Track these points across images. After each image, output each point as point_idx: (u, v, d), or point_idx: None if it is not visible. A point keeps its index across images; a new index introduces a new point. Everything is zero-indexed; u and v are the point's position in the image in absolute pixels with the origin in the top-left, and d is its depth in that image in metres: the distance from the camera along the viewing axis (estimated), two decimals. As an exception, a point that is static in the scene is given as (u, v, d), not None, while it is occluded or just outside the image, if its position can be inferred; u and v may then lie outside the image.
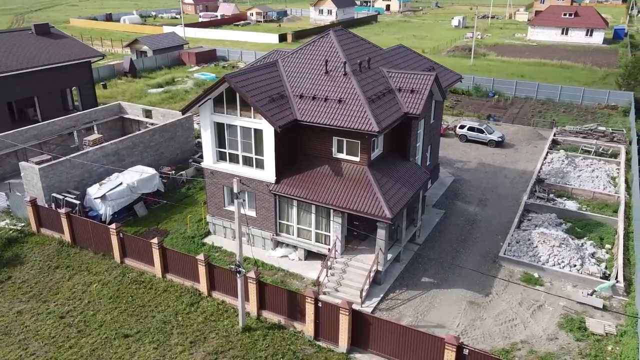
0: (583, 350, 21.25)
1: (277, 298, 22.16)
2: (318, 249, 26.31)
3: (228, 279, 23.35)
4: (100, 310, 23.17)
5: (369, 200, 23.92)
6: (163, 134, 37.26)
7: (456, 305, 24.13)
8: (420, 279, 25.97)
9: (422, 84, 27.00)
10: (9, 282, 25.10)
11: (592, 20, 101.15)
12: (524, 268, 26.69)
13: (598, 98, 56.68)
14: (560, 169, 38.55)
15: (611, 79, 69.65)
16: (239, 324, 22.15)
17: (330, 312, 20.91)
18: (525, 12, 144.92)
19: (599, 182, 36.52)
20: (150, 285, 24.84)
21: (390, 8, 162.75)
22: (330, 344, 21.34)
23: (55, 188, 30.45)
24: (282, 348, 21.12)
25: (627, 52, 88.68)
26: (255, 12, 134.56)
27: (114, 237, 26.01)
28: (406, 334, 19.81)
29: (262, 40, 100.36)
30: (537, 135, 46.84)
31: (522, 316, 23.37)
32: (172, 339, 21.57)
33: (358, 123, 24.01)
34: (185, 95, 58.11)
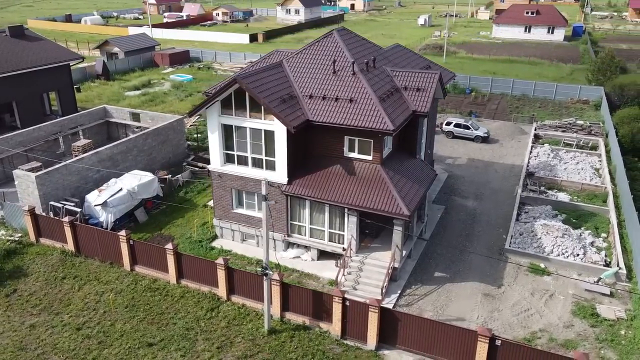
0: (599, 335, 22.14)
1: (302, 299, 22.13)
2: (332, 249, 26.40)
3: (248, 282, 23.17)
4: (118, 320, 22.58)
5: (385, 198, 24.17)
6: (156, 137, 36.51)
7: (472, 298, 24.69)
8: (433, 274, 26.43)
9: (428, 82, 27.46)
10: (15, 296, 24.12)
11: (553, 18, 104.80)
12: (530, 259, 27.53)
13: (570, 93, 58.85)
14: (547, 162, 39.89)
15: (577, 75, 72.41)
16: (265, 327, 22.01)
17: (358, 311, 21.05)
18: (486, 11, 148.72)
19: (585, 173, 38.01)
20: (165, 292, 24.36)
21: (355, 7, 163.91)
22: (357, 342, 21.48)
23: (51, 196, 29.41)
24: (310, 349, 21.12)
25: (588, 48, 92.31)
26: (221, 12, 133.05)
27: (123, 244, 25.36)
28: (437, 328, 20.17)
29: (233, 40, 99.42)
30: (519, 130, 48.28)
31: (536, 306, 24.14)
32: (197, 345, 21.24)
33: (372, 122, 24.23)
34: (165, 98, 57.01)
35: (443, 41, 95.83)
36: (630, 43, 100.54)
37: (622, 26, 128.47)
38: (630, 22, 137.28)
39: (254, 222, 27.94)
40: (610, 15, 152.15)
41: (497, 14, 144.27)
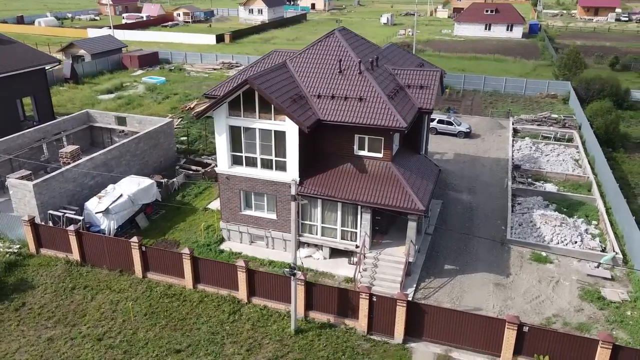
0: (609, 317, 23.34)
1: (326, 297, 22.30)
2: (345, 246, 26.67)
3: (269, 284, 23.15)
4: (139, 328, 22.11)
5: (399, 194, 24.64)
6: (147, 141, 35.76)
7: (484, 288, 25.50)
8: (443, 266, 27.11)
9: (431, 79, 28.13)
10: (25, 309, 23.22)
11: (511, 16, 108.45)
12: (532, 248, 28.63)
13: (539, 88, 61.21)
14: (530, 155, 41.47)
15: (540, 70, 75.41)
16: (291, 327, 22.06)
17: (385, 305, 21.41)
18: (445, 10, 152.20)
19: (567, 165, 39.74)
20: (182, 297, 24.01)
21: (316, 7, 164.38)
22: (384, 337, 21.85)
23: (49, 205, 28.41)
24: (339, 346, 21.35)
25: (546, 45, 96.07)
26: (182, 12, 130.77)
27: (135, 251, 24.80)
28: (464, 318, 20.77)
29: (199, 41, 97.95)
30: (498, 125, 49.89)
31: (546, 292, 25.18)
32: (226, 349, 21.09)
33: (384, 120, 24.64)
34: (142, 100, 55.71)
35: (409, 39, 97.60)
36: (583, 39, 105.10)
37: (573, 23, 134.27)
38: (579, 20, 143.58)
39: (263, 223, 27.87)
40: (561, 13, 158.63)
41: (454, 12, 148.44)
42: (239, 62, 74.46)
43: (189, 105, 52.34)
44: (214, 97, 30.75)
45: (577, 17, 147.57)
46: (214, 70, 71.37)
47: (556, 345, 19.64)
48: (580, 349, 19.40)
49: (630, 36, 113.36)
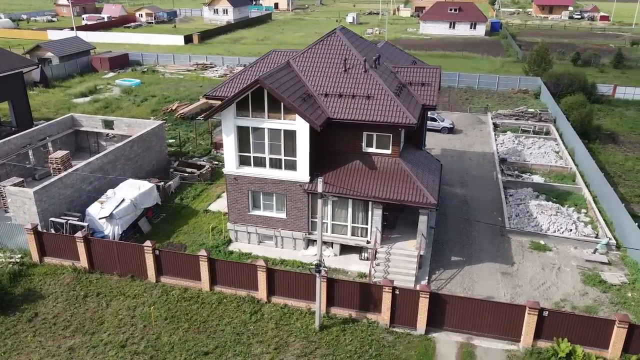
0: (612, 299, 24.61)
1: (348, 293, 22.62)
2: (356, 242, 27.06)
3: (289, 282, 23.28)
4: (162, 333, 21.86)
5: (410, 189, 25.22)
6: (141, 144, 35.14)
7: (492, 277, 26.40)
8: (450, 258, 27.88)
9: (432, 77, 28.87)
10: (39, 320, 22.55)
11: (474, 14, 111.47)
12: (530, 237, 29.79)
13: (510, 84, 63.34)
14: (514, 148, 42.97)
15: (508, 67, 77.95)
16: (315, 324, 22.28)
17: (407, 298, 21.92)
18: (407, 8, 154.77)
19: (549, 157, 41.41)
20: (200, 300, 23.83)
21: (279, 6, 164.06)
22: (407, 329, 22.36)
23: (49, 212, 27.60)
24: (365, 339, 21.72)
25: (510, 42, 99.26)
26: (144, 13, 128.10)
27: (149, 255, 24.44)
28: (485, 306, 21.51)
29: (166, 42, 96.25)
30: (478, 120, 51.39)
31: (550, 279, 26.29)
32: (253, 348, 21.13)
33: (394, 117, 25.16)
34: (120, 103, 54.48)
35: (378, 38, 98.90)
36: (542, 36, 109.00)
37: (530, 21, 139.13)
38: (535, 18, 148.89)
39: (272, 223, 27.93)
40: (517, 12, 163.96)
41: (416, 11, 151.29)
42: (213, 62, 73.72)
43: (170, 107, 51.54)
44: (215, 98, 30.69)
45: (533, 15, 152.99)
46: (188, 72, 70.40)
47: (574, 328, 20.63)
48: (596, 330, 20.44)
49: (585, 33, 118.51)
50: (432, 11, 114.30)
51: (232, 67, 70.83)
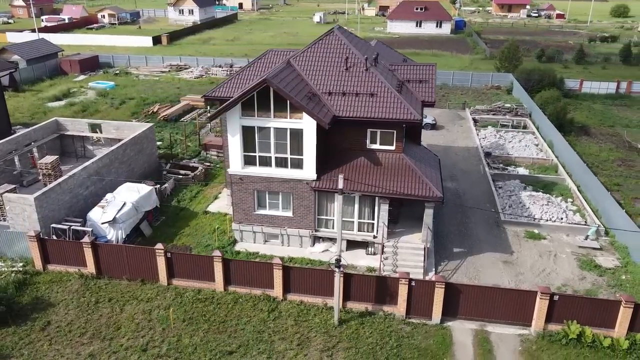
0: (609, 282, 25.96)
1: (365, 287, 23.07)
2: (363, 238, 27.55)
3: (304, 279, 23.55)
4: (182, 335, 21.77)
5: (417, 183, 25.89)
6: (133, 147, 34.61)
7: (495, 266, 27.38)
8: (452, 250, 28.73)
9: (428, 73, 29.66)
10: (53, 328, 22.06)
11: (439, 13, 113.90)
12: (525, 227, 30.98)
13: (484, 80, 65.29)
14: (496, 143, 44.42)
15: (477, 64, 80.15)
16: (334, 319, 22.64)
17: (423, 289, 22.56)
18: (372, 8, 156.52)
19: (530, 150, 43.02)
20: (215, 300, 23.81)
21: (243, 6, 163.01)
22: (422, 319, 23.00)
23: (49, 218, 26.94)
24: (383, 331, 22.23)
25: (475, 40, 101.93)
26: (107, 14, 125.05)
27: (160, 258, 24.23)
28: (497, 294, 22.37)
29: (134, 43, 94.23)
30: (457, 116, 52.79)
31: (549, 265, 27.48)
32: (276, 345, 21.32)
33: (399, 113, 25.77)
34: (97, 107, 53.27)
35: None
36: (505, 34, 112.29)
37: (492, 19, 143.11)
38: (495, 16, 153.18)
39: (278, 221, 28.11)
40: (478, 10, 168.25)
41: (380, 10, 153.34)
42: (187, 64, 72.86)
43: (151, 110, 50.77)
44: (214, 98, 30.60)
45: (493, 14, 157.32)
46: (162, 73, 69.38)
47: (582, 310, 21.72)
48: (603, 311, 21.59)
49: (544, 30, 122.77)
50: (398, 10, 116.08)
51: (207, 68, 70.19)
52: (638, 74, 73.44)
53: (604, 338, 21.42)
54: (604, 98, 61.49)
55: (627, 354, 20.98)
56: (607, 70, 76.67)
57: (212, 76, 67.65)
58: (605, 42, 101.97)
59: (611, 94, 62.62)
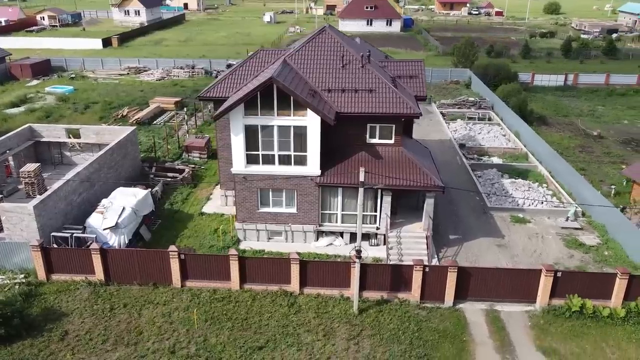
0: (595, 258, 28.08)
1: (380, 276, 23.88)
2: (366, 230, 28.34)
3: (320, 272, 24.09)
4: (207, 334, 21.80)
5: (418, 174, 26.99)
6: (119, 152, 33.85)
7: (490, 249, 28.95)
8: (449, 237, 30.09)
9: (417, 69, 30.89)
10: (72, 337, 21.50)
11: (389, 11, 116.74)
12: (510, 212, 32.83)
13: (443, 76, 67.84)
14: (467, 135, 46.47)
15: (432, 60, 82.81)
16: (354, 308, 23.34)
17: (436, 274, 23.66)
18: (319, 7, 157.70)
19: (500, 140, 45.34)
20: (234, 299, 23.92)
21: (189, 6, 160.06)
22: (436, 303, 24.11)
23: (48, 227, 26.08)
24: (402, 317, 23.15)
25: (426, 37, 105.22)
26: (47, 15, 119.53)
27: (174, 260, 24.06)
28: (505, 274, 23.82)
29: (83, 46, 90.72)
30: (425, 111, 54.42)
31: (539, 246, 29.34)
32: (303, 338, 21.78)
33: (399, 108, 26.77)
34: (61, 112, 51.30)
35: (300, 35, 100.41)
36: (452, 32, 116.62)
37: (436, 17, 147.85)
38: (438, 14, 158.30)
39: (282, 218, 28.47)
40: (421, 8, 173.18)
41: (328, 9, 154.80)
42: (147, 66, 71.20)
43: (120, 113, 49.48)
44: (208, 99, 30.52)
45: (436, 12, 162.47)
46: (121, 76, 67.50)
47: (582, 284, 23.50)
48: (601, 283, 23.45)
49: (486, 27, 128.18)
50: (349, 9, 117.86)
51: (168, 70, 68.86)
52: (579, 67, 78.49)
53: (603, 308, 23.27)
54: (554, 90, 65.44)
55: (625, 321, 22.92)
56: (551, 64, 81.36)
57: (174, 78, 66.47)
58: (544, 38, 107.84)
59: (560, 86, 66.73)
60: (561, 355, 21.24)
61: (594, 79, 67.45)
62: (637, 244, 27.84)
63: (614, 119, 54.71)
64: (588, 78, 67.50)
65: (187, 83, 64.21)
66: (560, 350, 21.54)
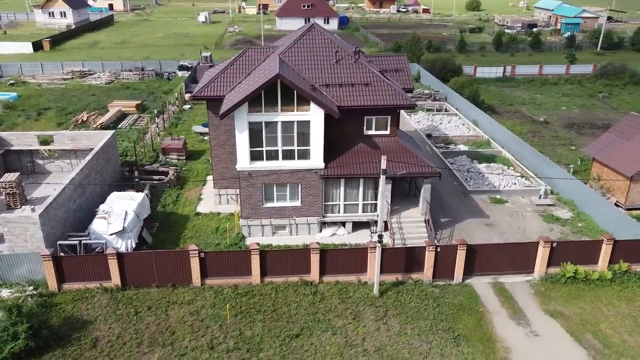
0: (572, 230, 30.99)
1: (393, 259, 25.18)
2: (368, 218, 29.59)
3: (338, 260, 25.04)
4: (242, 328, 22.13)
5: (416, 162, 28.55)
6: (103, 156, 32.89)
7: (479, 228, 31.11)
8: (440, 220, 31.95)
9: (401, 63, 32.48)
10: (104, 343, 21.07)
11: (325, 10, 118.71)
12: (488, 194, 35.30)
13: (392, 71, 70.30)
14: (430, 125, 48.93)
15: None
16: (374, 291, 24.50)
17: (447, 253, 25.32)
18: (252, 6, 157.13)
19: (461, 129, 48.16)
20: (257, 292, 24.33)
21: (114, 7, 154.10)
22: (447, 280, 25.78)
23: (51, 236, 25.16)
24: (420, 296, 24.61)
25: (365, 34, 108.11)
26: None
27: (194, 259, 24.07)
28: (507, 248, 25.90)
29: (10, 50, 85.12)
30: (384, 105, 56.62)
31: (522, 223, 31.88)
32: (334, 322, 22.66)
33: (396, 100, 28.18)
34: (12, 119, 48.44)
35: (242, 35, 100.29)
36: (387, 29, 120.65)
37: (368, 15, 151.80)
38: (369, 12, 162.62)
39: (286, 212, 29.07)
40: (351, 7, 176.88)
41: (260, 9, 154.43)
42: (92, 69, 68.38)
43: (80, 118, 47.55)
44: (202, 98, 30.47)
45: (367, 10, 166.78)
46: (65, 81, 64.45)
47: (573, 252, 26.04)
48: (589, 250, 26.10)
49: (417, 24, 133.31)
50: (287, 7, 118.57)
51: (116, 73, 66.56)
52: (511, 59, 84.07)
53: (592, 272, 25.92)
54: (495, 81, 69.97)
55: (612, 282, 25.69)
56: (486, 58, 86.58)
57: (124, 81, 64.39)
58: (473, 33, 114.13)
59: (500, 77, 71.39)
60: (566, 316, 23.54)
61: (529, 70, 72.77)
62: (605, 214, 31.05)
63: (553, 106, 59.48)
64: (524, 69, 72.71)
65: (139, 86, 62.46)
66: (564, 312, 23.85)
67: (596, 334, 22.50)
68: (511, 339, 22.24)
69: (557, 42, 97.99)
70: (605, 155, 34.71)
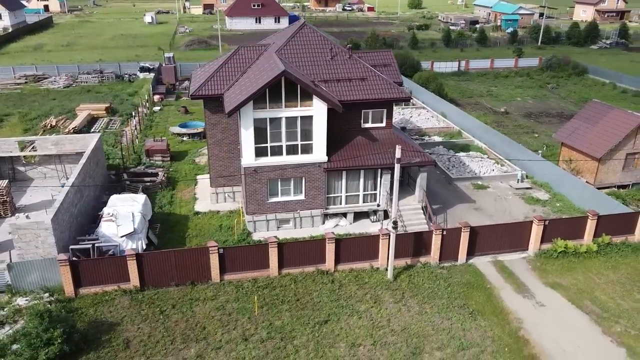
0: (552, 210, 33.42)
1: (402, 244, 26.40)
2: (368, 208, 30.72)
3: (352, 248, 26.01)
4: (270, 319, 22.66)
5: (412, 153, 29.95)
6: (94, 159, 32.23)
7: (470, 212, 32.95)
8: (433, 205, 33.55)
9: (388, 58, 33.80)
10: (137, 343, 21.02)
11: (276, 9, 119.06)
12: (470, 181, 37.31)
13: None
14: (403, 118, 50.75)
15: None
16: (388, 275, 25.66)
17: (452, 236, 26.84)
18: (197, 6, 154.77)
19: (432, 121, 50.26)
20: (278, 284, 24.88)
21: (50, 8, 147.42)
22: (452, 262, 27.32)
23: (62, 241, 24.63)
24: (431, 277, 26.00)
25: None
26: None
27: (213, 255, 24.30)
28: (505, 228, 27.76)
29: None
30: (353, 100, 58.00)
31: (506, 206, 34.03)
32: (358, 307, 23.61)
33: (392, 93, 29.44)
34: (-25, 127, 46.19)
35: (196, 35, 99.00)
36: (337, 27, 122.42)
37: (315, 14, 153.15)
38: (315, 11, 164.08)
39: (290, 206, 29.71)
40: (296, 6, 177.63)
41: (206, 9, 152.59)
42: (46, 73, 65.67)
43: (49, 123, 45.89)
44: (199, 97, 30.55)
45: (312, 9, 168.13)
46: (19, 85, 61.64)
47: (563, 229, 28.27)
48: (575, 226, 28.42)
49: (365, 22, 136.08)
50: (237, 7, 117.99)
51: (74, 76, 64.29)
52: (460, 54, 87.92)
53: (580, 246, 28.25)
54: (451, 75, 73.02)
55: (598, 254, 28.11)
56: (437, 53, 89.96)
57: (83, 84, 62.38)
58: (421, 30, 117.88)
59: (455, 71, 74.54)
60: (565, 287, 25.61)
61: (482, 64, 76.45)
62: (579, 193, 33.72)
63: (509, 97, 62.96)
64: (477, 64, 76.30)
65: (100, 89, 60.75)
66: (562, 283, 25.94)
67: (593, 300, 24.67)
68: (520, 310, 24.01)
69: (501, 38, 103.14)
70: (574, 140, 37.55)
